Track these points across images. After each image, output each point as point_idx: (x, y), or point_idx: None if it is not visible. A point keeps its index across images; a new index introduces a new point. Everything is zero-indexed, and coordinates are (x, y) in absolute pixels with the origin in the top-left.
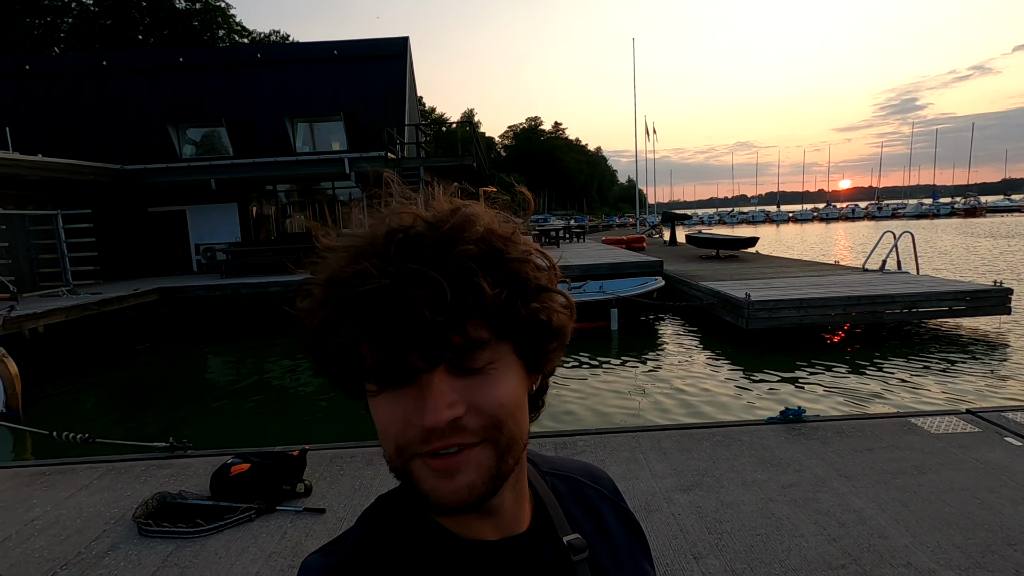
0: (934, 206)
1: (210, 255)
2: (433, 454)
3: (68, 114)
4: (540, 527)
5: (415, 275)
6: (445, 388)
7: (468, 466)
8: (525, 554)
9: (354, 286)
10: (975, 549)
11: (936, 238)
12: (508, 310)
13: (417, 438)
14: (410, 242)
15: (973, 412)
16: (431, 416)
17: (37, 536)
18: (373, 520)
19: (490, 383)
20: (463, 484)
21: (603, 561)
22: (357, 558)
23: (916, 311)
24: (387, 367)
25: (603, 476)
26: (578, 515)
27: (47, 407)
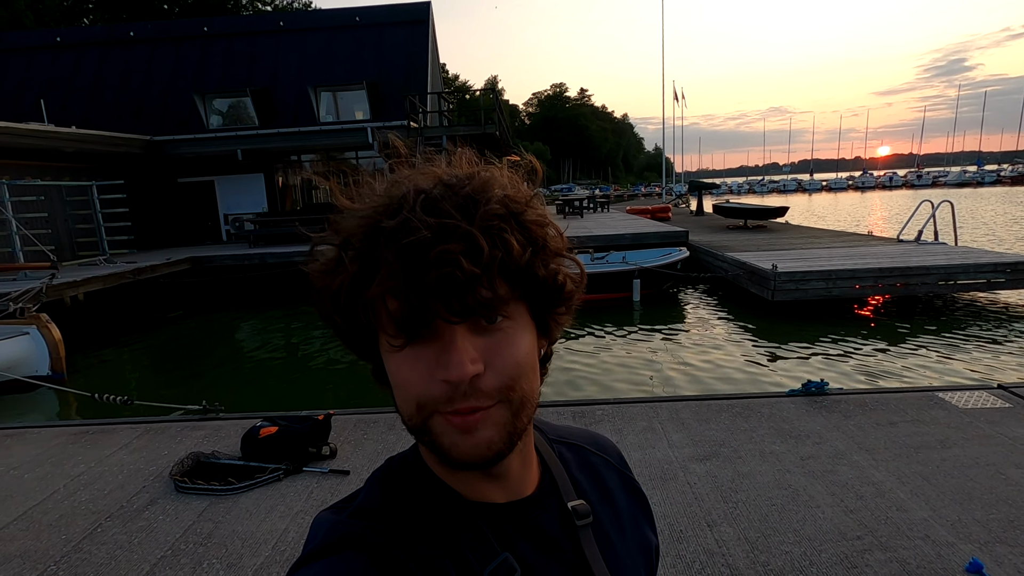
0: (978, 174)
1: (239, 225)
2: (454, 412)
3: (98, 85)
4: (545, 492)
5: (450, 228)
6: (467, 344)
7: (486, 423)
8: (530, 517)
9: (388, 239)
10: (996, 524)
11: (979, 208)
12: (529, 270)
13: (440, 395)
14: (434, 200)
15: (1005, 387)
16: (457, 370)
17: (83, 490)
18: (382, 480)
19: (507, 342)
20: (483, 439)
21: (606, 527)
22: (366, 515)
23: (952, 283)
24: (416, 320)
25: (609, 445)
26: (583, 482)
27: (88, 371)
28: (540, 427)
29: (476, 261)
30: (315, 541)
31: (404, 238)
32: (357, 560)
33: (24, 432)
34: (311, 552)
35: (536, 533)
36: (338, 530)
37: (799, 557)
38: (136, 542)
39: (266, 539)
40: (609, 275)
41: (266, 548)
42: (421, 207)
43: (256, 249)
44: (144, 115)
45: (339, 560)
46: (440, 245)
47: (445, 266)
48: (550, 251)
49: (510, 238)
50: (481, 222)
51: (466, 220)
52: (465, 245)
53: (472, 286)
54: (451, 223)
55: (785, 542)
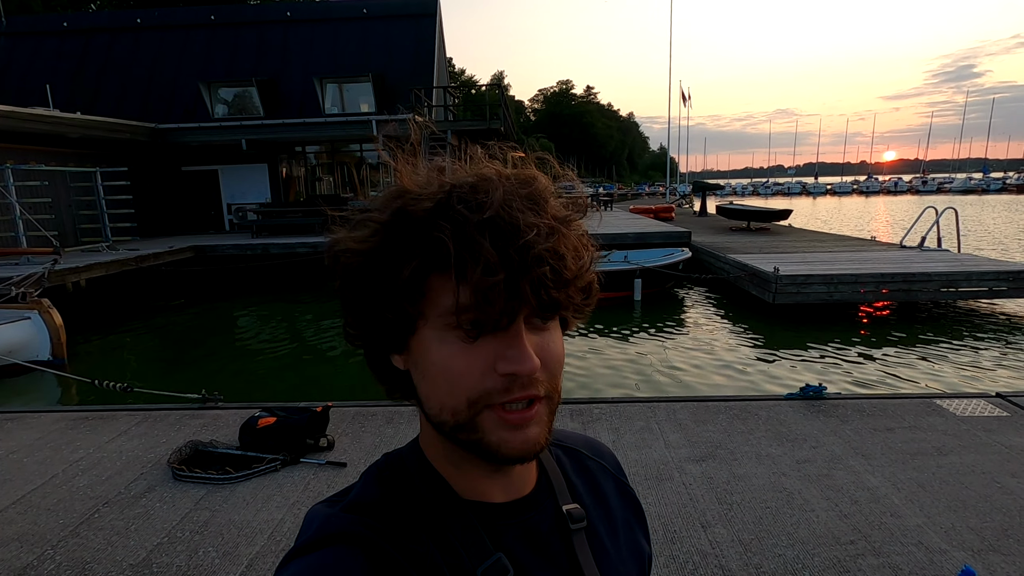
0: (984, 181)
1: (242, 215)
2: (508, 407)
3: (105, 72)
4: (541, 494)
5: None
6: (527, 340)
7: (536, 420)
8: (524, 518)
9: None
10: (990, 532)
11: (983, 215)
12: (585, 274)
13: (498, 387)
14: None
15: (1003, 396)
16: (529, 363)
17: (81, 475)
18: (378, 475)
19: (553, 339)
20: (531, 436)
21: (600, 532)
22: (360, 509)
23: (954, 290)
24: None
25: (605, 450)
26: (579, 486)
27: (88, 357)
28: None
29: (575, 263)
30: (308, 533)
31: (505, 231)
32: (349, 554)
33: (24, 416)
34: (303, 544)
35: (530, 534)
36: (331, 523)
37: (792, 560)
38: (133, 528)
39: (262, 529)
40: (611, 274)
41: (262, 537)
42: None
43: (259, 239)
44: (150, 102)
45: (331, 553)
46: (542, 243)
47: (546, 265)
48: (591, 255)
49: (579, 243)
50: (564, 225)
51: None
52: (562, 246)
53: (567, 287)
54: (545, 222)
55: (779, 545)
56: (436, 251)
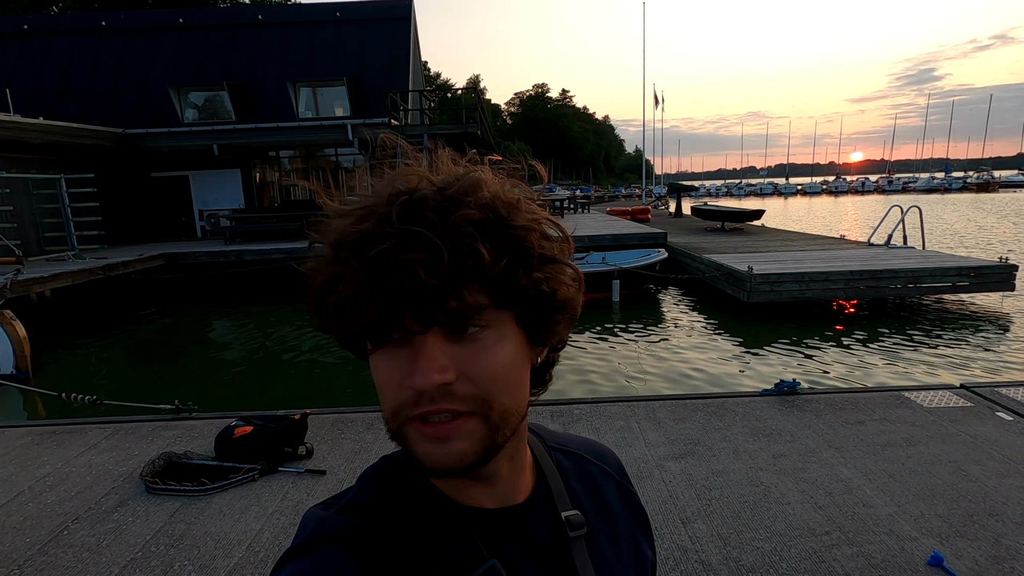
0: (946, 180)
1: (214, 221)
2: (424, 419)
3: (68, 76)
4: (539, 500)
5: (414, 237)
6: (438, 352)
7: (459, 434)
8: (521, 524)
9: (355, 246)
10: (957, 519)
11: (946, 213)
12: (508, 278)
13: (408, 400)
14: (414, 204)
15: (967, 387)
16: (420, 378)
17: (48, 492)
18: (374, 478)
19: (484, 352)
20: (455, 451)
21: (601, 540)
22: (355, 512)
23: (919, 286)
24: (381, 326)
25: (609, 455)
26: (580, 491)
27: (55, 370)
28: (539, 433)
29: (434, 271)
30: (303, 535)
31: (368, 247)
32: (343, 557)
33: None
34: (298, 547)
35: (527, 541)
36: (326, 526)
37: (769, 552)
38: (104, 544)
39: (240, 540)
40: (589, 275)
41: (240, 549)
42: (399, 210)
43: (232, 246)
44: (116, 107)
45: (325, 555)
46: (401, 254)
47: (403, 276)
48: (535, 258)
49: (481, 246)
50: (453, 228)
51: (438, 225)
52: (428, 254)
53: (435, 295)
54: (417, 230)
55: (756, 538)
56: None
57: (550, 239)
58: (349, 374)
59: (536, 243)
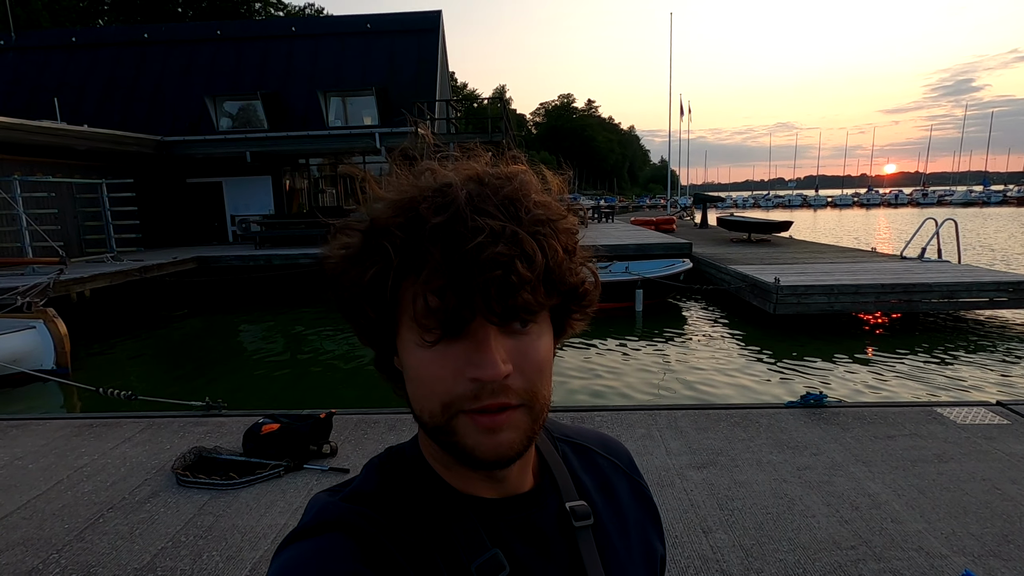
0: (984, 193)
1: (245, 226)
2: (480, 411)
3: (111, 85)
4: (544, 490)
5: (497, 231)
6: (499, 343)
7: (510, 425)
8: (524, 515)
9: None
10: (991, 538)
11: (984, 227)
12: (564, 276)
13: (467, 393)
14: (480, 197)
15: (1004, 404)
16: (491, 370)
17: (86, 481)
18: (379, 468)
19: (532, 346)
20: (505, 441)
21: (609, 531)
22: (358, 499)
23: (954, 301)
24: (458, 318)
25: (619, 448)
26: (587, 483)
27: (93, 366)
28: (546, 426)
29: (529, 266)
30: (306, 519)
31: (455, 236)
32: (343, 541)
33: (29, 423)
34: (300, 529)
35: (530, 532)
36: (329, 511)
37: (793, 565)
38: (137, 533)
39: (265, 533)
40: (612, 284)
41: (265, 542)
42: (467, 203)
43: (262, 251)
44: (155, 115)
45: (325, 540)
46: (492, 247)
47: (497, 269)
48: (579, 258)
49: (556, 244)
50: (529, 226)
51: (514, 222)
52: (518, 249)
53: (521, 290)
54: (501, 224)
55: (780, 550)
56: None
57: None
58: (373, 376)
59: (575, 241)
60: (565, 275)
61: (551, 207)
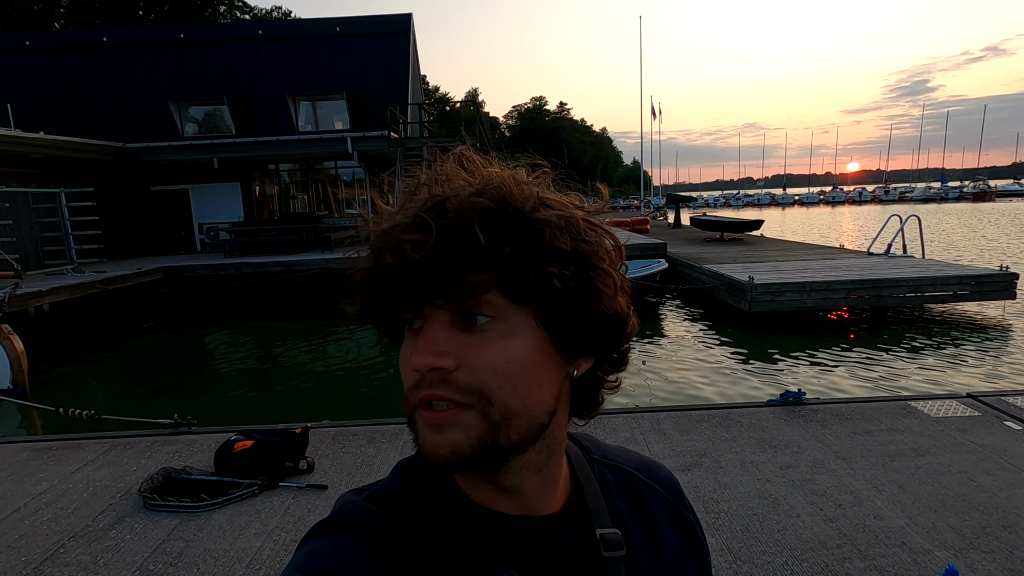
0: (942, 190)
1: (213, 234)
2: (428, 406)
3: (69, 91)
4: (573, 514)
5: (420, 223)
6: (440, 337)
7: (455, 425)
8: (549, 537)
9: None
10: (970, 531)
11: (943, 223)
12: (517, 270)
13: (412, 384)
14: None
15: (974, 396)
16: (416, 357)
17: (45, 509)
18: (406, 470)
19: (488, 344)
20: (448, 441)
21: (642, 564)
22: (379, 500)
23: (920, 295)
24: (388, 306)
25: (664, 475)
26: (623, 510)
27: (53, 385)
28: (584, 444)
29: (419, 249)
30: (330, 515)
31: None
32: (356, 540)
33: None
34: (322, 525)
35: (554, 556)
36: (349, 509)
37: (781, 567)
38: (102, 563)
39: (240, 557)
40: None
41: (240, 567)
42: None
43: (232, 259)
44: (117, 122)
45: (340, 537)
46: (399, 237)
47: (395, 255)
48: (552, 252)
49: (477, 229)
50: (455, 215)
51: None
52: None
53: (434, 276)
54: (423, 217)
55: (767, 552)
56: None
57: (584, 239)
58: (351, 388)
59: (556, 238)
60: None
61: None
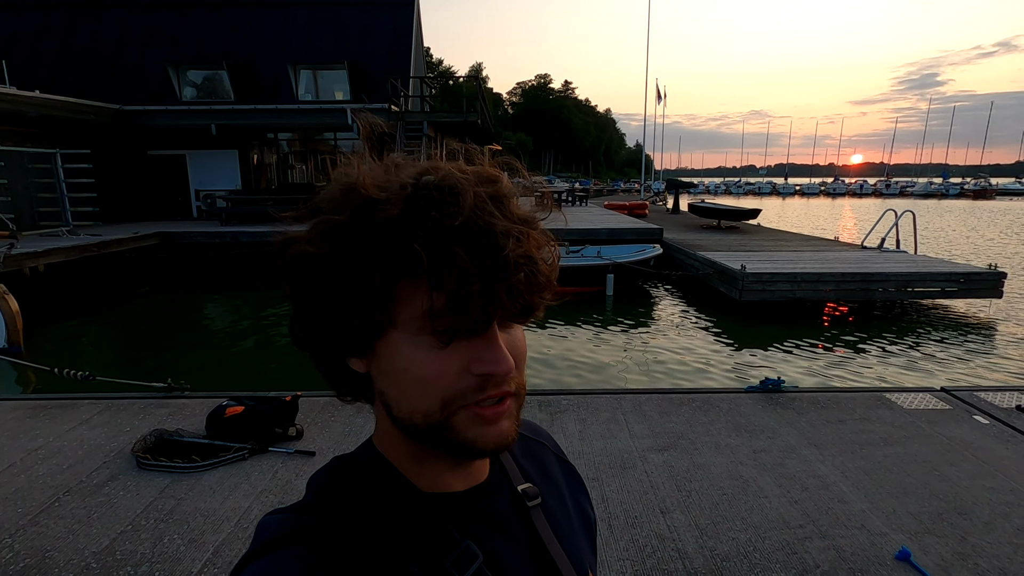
0: (943, 185)
1: (210, 202)
2: (482, 404)
3: (65, 50)
4: (497, 478)
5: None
6: (503, 340)
7: (508, 414)
8: (484, 503)
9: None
10: (927, 517)
11: (941, 220)
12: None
13: (471, 387)
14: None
15: (947, 390)
16: (504, 364)
17: (40, 464)
18: (329, 478)
19: (520, 338)
20: (504, 429)
21: (552, 506)
22: (313, 510)
23: (908, 291)
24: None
25: (542, 431)
26: (528, 466)
27: (48, 345)
28: None
29: (549, 266)
30: (260, 539)
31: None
32: (303, 553)
33: None
34: (255, 549)
35: (491, 518)
36: (284, 526)
37: (744, 543)
38: (95, 516)
39: (229, 516)
40: (583, 269)
41: (228, 525)
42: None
43: (228, 227)
44: (114, 84)
45: (284, 554)
46: (516, 249)
47: (521, 271)
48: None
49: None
50: (531, 226)
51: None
52: (534, 250)
53: (542, 290)
54: (510, 225)
55: (733, 529)
56: (408, 259)
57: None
58: None
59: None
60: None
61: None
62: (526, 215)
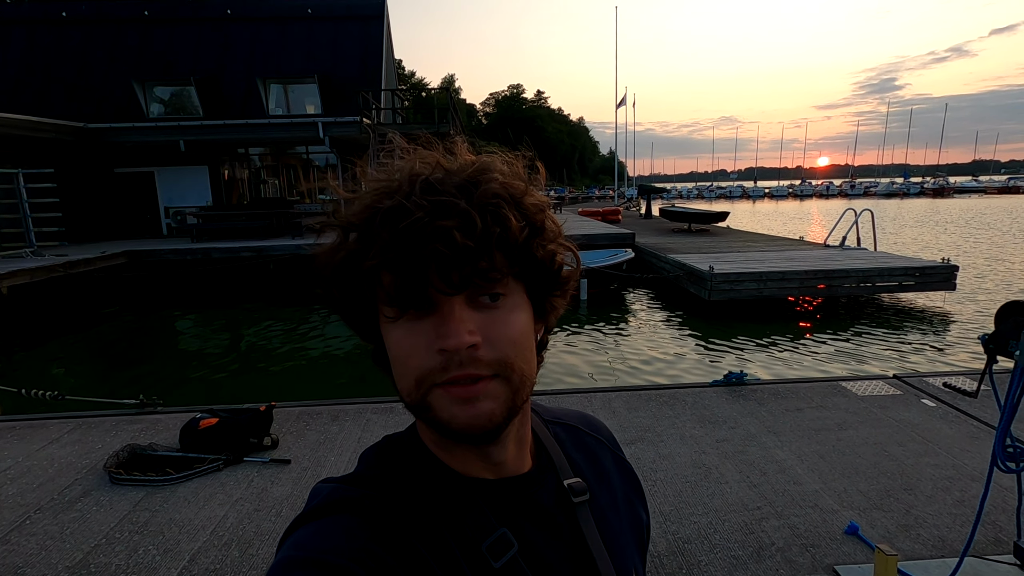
0: (904, 185)
1: (180, 218)
2: (452, 383)
3: (25, 68)
4: (542, 470)
5: (446, 206)
6: (465, 316)
7: (486, 394)
8: (527, 494)
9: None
10: (875, 494)
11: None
12: (528, 249)
13: (437, 365)
14: (435, 182)
15: (899, 377)
16: (453, 339)
17: (9, 484)
18: (377, 454)
19: (503, 319)
20: (483, 411)
21: (602, 505)
22: (362, 482)
23: (869, 285)
24: (411, 291)
25: (602, 426)
26: (579, 461)
27: (14, 369)
28: (536, 409)
29: (470, 234)
30: (312, 503)
31: (399, 218)
32: (352, 521)
33: None
34: (307, 512)
35: (533, 510)
36: (335, 494)
37: (705, 526)
38: (68, 532)
39: (204, 525)
40: None
41: (204, 533)
42: (422, 186)
43: (200, 244)
44: (77, 101)
45: (333, 521)
46: (435, 222)
47: (439, 240)
48: (548, 234)
49: (508, 214)
50: (479, 200)
51: (464, 199)
52: (460, 220)
53: (467, 258)
54: (448, 200)
55: (695, 514)
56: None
57: (555, 222)
58: (316, 370)
59: (547, 222)
60: (530, 248)
61: (512, 185)
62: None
